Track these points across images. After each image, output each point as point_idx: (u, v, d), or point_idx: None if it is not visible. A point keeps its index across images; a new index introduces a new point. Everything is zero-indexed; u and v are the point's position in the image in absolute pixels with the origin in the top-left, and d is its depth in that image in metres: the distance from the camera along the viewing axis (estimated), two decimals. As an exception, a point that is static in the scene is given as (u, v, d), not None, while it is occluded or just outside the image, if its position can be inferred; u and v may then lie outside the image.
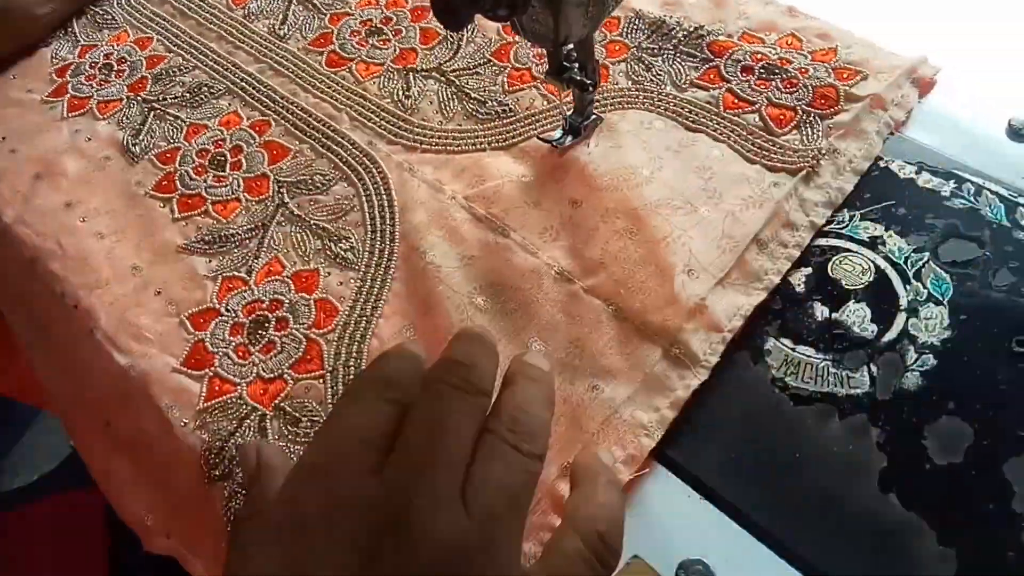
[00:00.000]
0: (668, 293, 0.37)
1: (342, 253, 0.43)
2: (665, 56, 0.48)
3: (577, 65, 0.40)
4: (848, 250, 0.39)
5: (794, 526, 0.32)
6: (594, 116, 0.44)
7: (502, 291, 0.39)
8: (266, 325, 0.40)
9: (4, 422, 1.10)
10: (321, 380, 0.38)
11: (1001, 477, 0.32)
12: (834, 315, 0.37)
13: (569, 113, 0.44)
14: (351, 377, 0.38)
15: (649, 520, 0.33)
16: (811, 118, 0.43)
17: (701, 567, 0.31)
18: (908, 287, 0.37)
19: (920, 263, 0.38)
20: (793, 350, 0.36)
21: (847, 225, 0.40)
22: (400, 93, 0.50)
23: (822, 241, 0.39)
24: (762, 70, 0.46)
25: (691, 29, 0.49)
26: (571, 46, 0.39)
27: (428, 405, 0.26)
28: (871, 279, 0.38)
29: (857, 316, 0.37)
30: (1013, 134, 0.43)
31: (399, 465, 0.25)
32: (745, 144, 0.43)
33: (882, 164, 0.42)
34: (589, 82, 0.40)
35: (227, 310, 0.41)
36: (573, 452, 0.34)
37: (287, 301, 0.41)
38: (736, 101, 0.45)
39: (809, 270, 0.39)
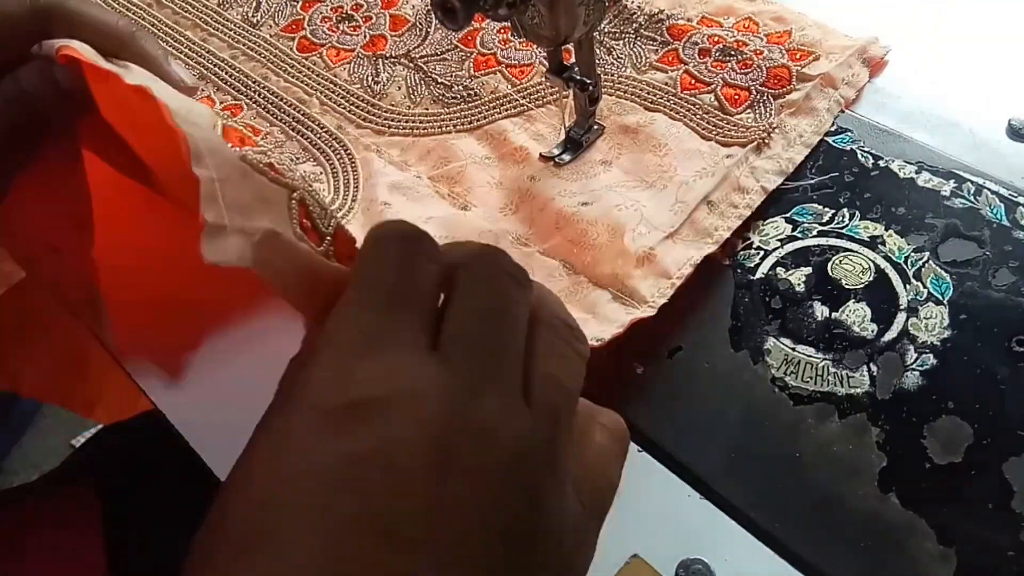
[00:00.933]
0: (619, 247, 0.39)
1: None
2: (626, 40, 0.49)
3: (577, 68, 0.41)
4: (848, 250, 0.39)
5: (794, 526, 0.32)
6: (596, 127, 0.45)
7: (459, 247, 0.40)
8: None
9: (4, 422, 1.10)
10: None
11: (1001, 477, 0.31)
12: (834, 315, 0.37)
13: (570, 124, 0.44)
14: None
15: (649, 520, 0.33)
16: (764, 97, 0.45)
17: (701, 567, 0.31)
18: (908, 287, 0.37)
19: (920, 263, 0.38)
20: (793, 350, 0.36)
21: (847, 225, 0.40)
22: (369, 79, 0.51)
23: (822, 241, 0.40)
24: (719, 52, 0.47)
25: (652, 14, 0.50)
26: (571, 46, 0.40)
27: (487, 289, 0.23)
28: (871, 279, 0.38)
29: (857, 316, 0.37)
30: (1013, 134, 0.43)
31: (460, 354, 0.22)
32: (700, 122, 0.44)
33: (882, 164, 0.42)
34: (590, 81, 0.41)
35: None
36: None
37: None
38: (693, 82, 0.46)
39: (809, 270, 0.39)
